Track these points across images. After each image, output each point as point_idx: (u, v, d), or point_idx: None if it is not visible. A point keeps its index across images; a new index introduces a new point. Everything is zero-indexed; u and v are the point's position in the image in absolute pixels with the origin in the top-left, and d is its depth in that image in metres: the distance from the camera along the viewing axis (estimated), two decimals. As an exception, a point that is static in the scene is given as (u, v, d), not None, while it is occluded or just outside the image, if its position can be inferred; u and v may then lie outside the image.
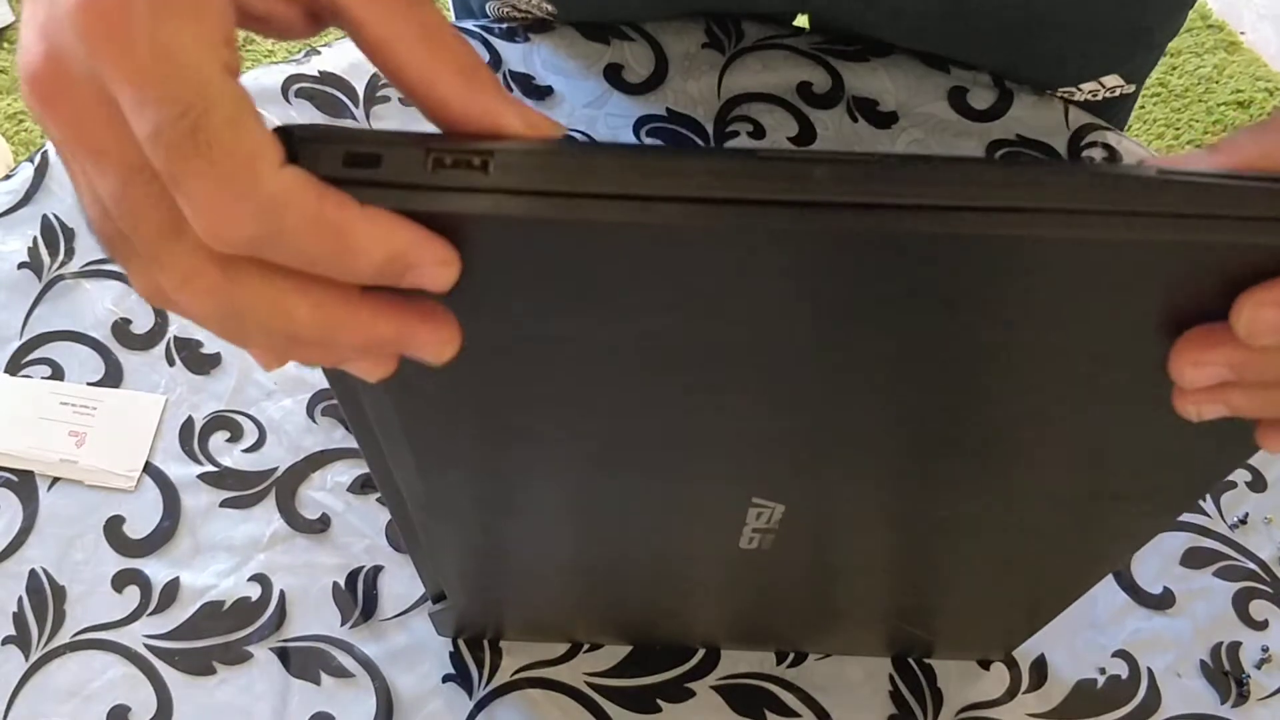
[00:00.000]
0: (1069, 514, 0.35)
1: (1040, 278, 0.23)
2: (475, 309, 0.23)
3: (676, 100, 0.62)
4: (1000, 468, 0.32)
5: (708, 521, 0.36)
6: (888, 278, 0.23)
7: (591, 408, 0.29)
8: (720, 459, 0.32)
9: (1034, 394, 0.28)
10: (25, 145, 1.47)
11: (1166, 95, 1.58)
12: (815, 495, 0.34)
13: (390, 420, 0.29)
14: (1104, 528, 0.36)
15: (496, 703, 0.47)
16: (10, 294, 0.54)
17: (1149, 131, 1.55)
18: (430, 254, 0.21)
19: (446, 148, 0.21)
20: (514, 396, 0.28)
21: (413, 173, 0.21)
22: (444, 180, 0.21)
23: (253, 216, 0.20)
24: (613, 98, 0.62)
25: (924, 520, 0.36)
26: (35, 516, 0.49)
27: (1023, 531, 0.36)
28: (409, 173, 0.21)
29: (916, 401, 0.28)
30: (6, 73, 1.53)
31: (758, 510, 0.34)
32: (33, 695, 0.46)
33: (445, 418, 0.29)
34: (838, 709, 0.48)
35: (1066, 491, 0.33)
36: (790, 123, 0.62)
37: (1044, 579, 0.41)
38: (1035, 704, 0.48)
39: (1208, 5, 1.68)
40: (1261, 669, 0.50)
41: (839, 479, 0.33)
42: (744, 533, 0.35)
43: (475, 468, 0.33)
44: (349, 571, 0.49)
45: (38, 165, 0.58)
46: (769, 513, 0.34)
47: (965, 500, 0.34)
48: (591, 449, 0.31)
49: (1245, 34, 1.66)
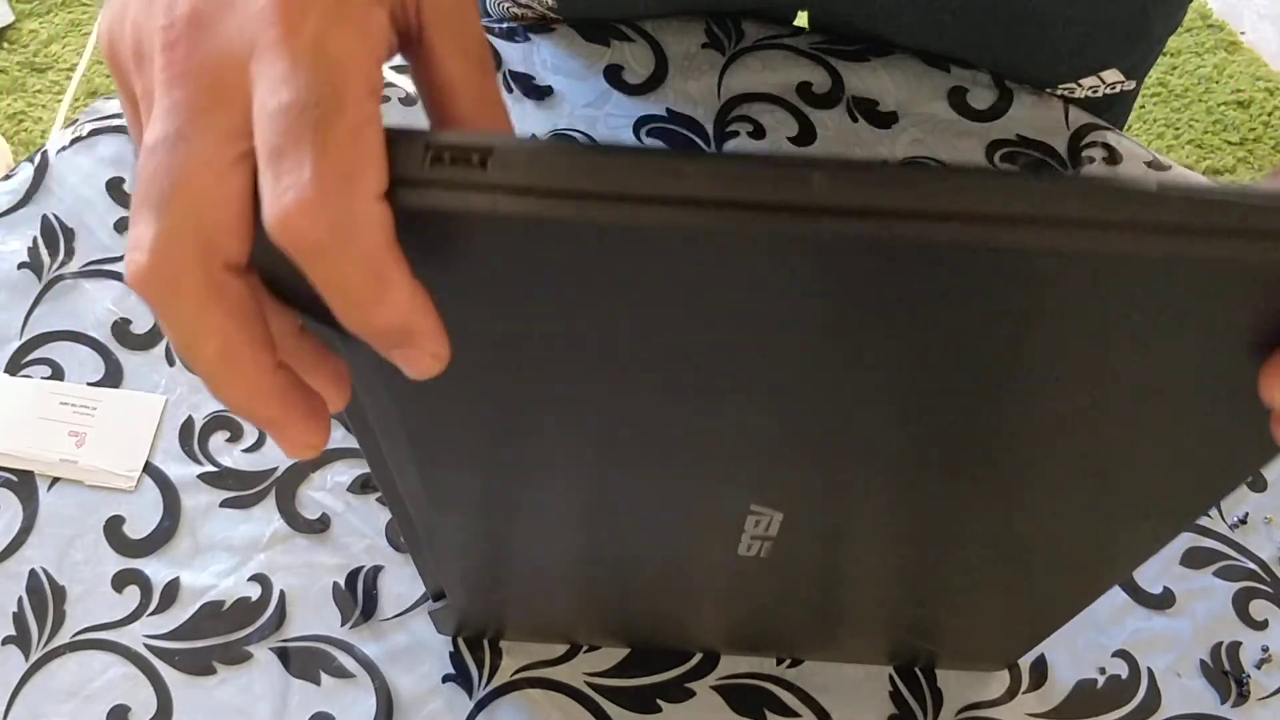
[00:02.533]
0: (1075, 528, 0.34)
1: (1043, 289, 0.22)
2: (473, 305, 0.23)
3: (676, 100, 0.62)
4: (1005, 482, 0.32)
5: (706, 525, 0.36)
6: (885, 285, 0.22)
7: (590, 405, 0.29)
8: (718, 461, 0.31)
9: (1040, 408, 0.27)
10: (25, 145, 1.47)
11: (1166, 95, 1.58)
12: (814, 504, 0.34)
13: (390, 421, 0.29)
14: (1110, 541, 0.36)
15: (496, 703, 0.47)
16: (10, 294, 0.54)
17: (1149, 131, 1.55)
18: (432, 343, 0.22)
19: (445, 143, 0.21)
20: (512, 393, 0.28)
21: (411, 168, 0.21)
22: (441, 176, 0.21)
23: (328, 223, 0.20)
24: (613, 98, 0.62)
25: (926, 532, 0.36)
26: (35, 516, 0.49)
27: (1028, 544, 0.36)
28: (407, 168, 0.21)
29: (917, 411, 0.28)
30: (6, 73, 1.54)
31: (756, 518, 0.34)
32: (33, 695, 0.46)
33: (445, 417, 0.29)
34: (838, 709, 0.48)
35: (1073, 506, 0.33)
36: (790, 122, 0.62)
37: (1049, 590, 0.40)
38: (1035, 704, 0.48)
39: (1208, 5, 1.68)
40: (1261, 669, 0.50)
41: (838, 489, 0.33)
42: (743, 539, 0.35)
43: (476, 469, 0.33)
44: (349, 571, 0.49)
45: (38, 165, 0.58)
46: (767, 520, 0.34)
47: (968, 513, 0.34)
48: (590, 447, 0.31)
49: (1245, 34, 1.66)
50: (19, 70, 1.54)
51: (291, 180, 0.20)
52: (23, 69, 1.54)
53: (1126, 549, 0.37)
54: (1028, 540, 0.35)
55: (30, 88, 1.53)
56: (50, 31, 1.58)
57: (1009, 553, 0.36)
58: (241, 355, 0.22)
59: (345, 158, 0.20)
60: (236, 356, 0.22)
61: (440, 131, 0.22)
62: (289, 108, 0.20)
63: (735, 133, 0.61)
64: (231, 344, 0.22)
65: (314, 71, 0.21)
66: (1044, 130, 0.62)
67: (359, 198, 0.20)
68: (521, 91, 0.62)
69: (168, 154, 0.21)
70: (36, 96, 1.52)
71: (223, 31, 0.22)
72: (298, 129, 0.20)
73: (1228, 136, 1.55)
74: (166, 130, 0.22)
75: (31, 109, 1.51)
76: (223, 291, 0.22)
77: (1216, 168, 1.52)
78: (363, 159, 0.20)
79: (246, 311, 0.22)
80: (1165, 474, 0.30)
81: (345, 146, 0.20)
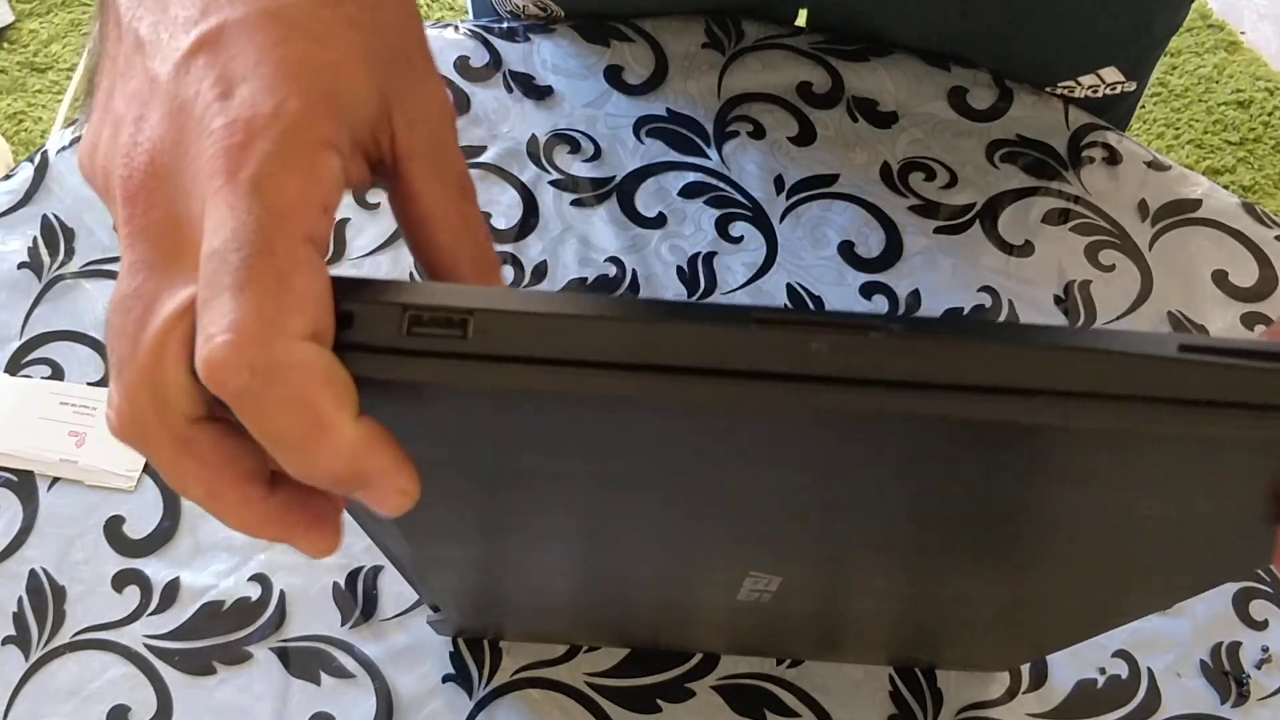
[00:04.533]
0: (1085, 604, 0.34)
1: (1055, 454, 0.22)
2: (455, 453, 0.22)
3: (676, 100, 0.62)
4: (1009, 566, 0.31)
5: (703, 582, 0.35)
6: (888, 451, 0.22)
7: (577, 519, 0.28)
8: (714, 544, 0.31)
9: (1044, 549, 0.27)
10: (25, 145, 1.47)
11: (1166, 95, 1.58)
12: (813, 575, 0.34)
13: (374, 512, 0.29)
14: (1115, 604, 0.35)
15: (496, 703, 0.47)
16: (10, 294, 0.54)
17: (1149, 131, 1.55)
18: (396, 480, 0.22)
19: (424, 305, 0.20)
20: (497, 506, 0.28)
21: (387, 334, 0.20)
22: (420, 345, 0.20)
23: (247, 369, 0.20)
24: (613, 98, 0.62)
25: (926, 592, 0.35)
26: (35, 516, 0.49)
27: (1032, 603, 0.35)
28: (382, 334, 0.20)
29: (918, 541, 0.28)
30: (6, 73, 1.54)
31: (755, 579, 0.33)
32: (33, 695, 0.46)
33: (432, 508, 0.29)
34: (838, 709, 0.48)
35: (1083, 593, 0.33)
36: (790, 122, 0.62)
37: (1052, 632, 0.41)
38: (1035, 704, 0.48)
39: (1208, 5, 1.68)
40: (1261, 669, 0.49)
41: (837, 561, 0.33)
42: (741, 591, 0.35)
43: (462, 542, 0.32)
44: (349, 571, 0.49)
45: (38, 165, 0.58)
46: (765, 580, 0.34)
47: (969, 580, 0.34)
48: (579, 544, 0.31)
49: (1245, 34, 1.66)
50: (19, 70, 1.54)
51: (213, 327, 0.20)
52: (23, 69, 1.54)
53: (1132, 606, 0.36)
54: (1032, 599, 0.35)
55: (30, 88, 1.53)
56: (50, 31, 1.58)
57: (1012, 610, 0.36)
58: (226, 495, 0.23)
59: (265, 303, 0.20)
60: (221, 497, 0.23)
61: (417, 289, 0.21)
62: (215, 254, 0.20)
63: (735, 132, 0.61)
64: (214, 487, 0.22)
65: (246, 216, 0.20)
66: (1044, 130, 0.62)
67: (279, 340, 0.20)
68: (521, 91, 0.62)
69: (123, 316, 0.22)
70: (36, 96, 1.52)
71: (179, 183, 0.22)
72: (222, 274, 0.20)
73: (1228, 136, 1.55)
74: (125, 290, 0.22)
75: (31, 109, 1.51)
76: (191, 444, 0.22)
77: (1216, 168, 1.52)
78: (286, 302, 0.20)
79: (221, 456, 0.22)
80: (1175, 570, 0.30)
81: (268, 289, 0.20)
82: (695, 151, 0.60)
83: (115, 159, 0.23)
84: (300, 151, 0.21)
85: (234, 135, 0.21)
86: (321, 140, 0.22)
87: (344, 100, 0.23)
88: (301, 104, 0.21)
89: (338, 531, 0.25)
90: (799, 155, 0.61)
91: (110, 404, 0.22)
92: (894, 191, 0.60)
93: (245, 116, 0.21)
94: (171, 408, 0.22)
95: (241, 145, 0.21)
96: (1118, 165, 0.62)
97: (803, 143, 0.61)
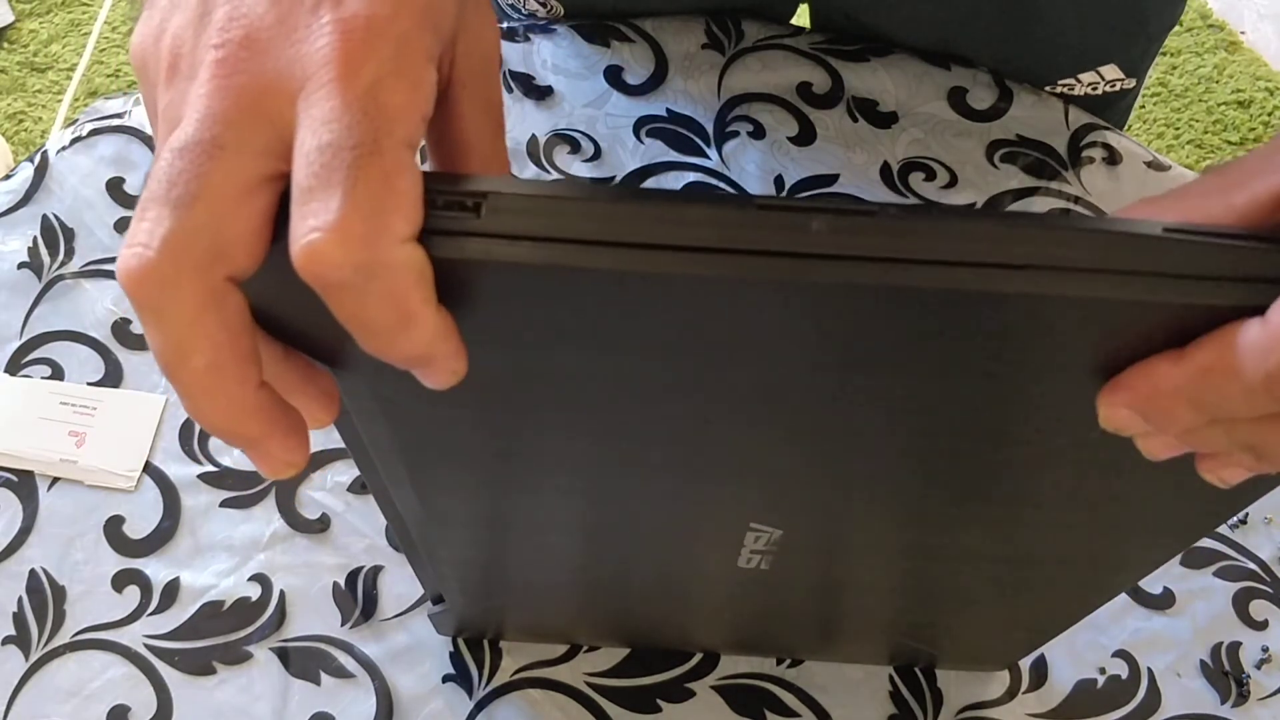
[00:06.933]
0: (1077, 546, 0.34)
1: (1040, 331, 0.22)
2: (471, 342, 0.23)
3: (676, 100, 0.62)
4: (1006, 505, 0.32)
5: (706, 541, 0.36)
6: (884, 328, 0.22)
7: (588, 433, 0.29)
8: (716, 483, 0.31)
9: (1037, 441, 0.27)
10: (25, 145, 1.47)
11: (1166, 95, 1.58)
12: (813, 524, 0.34)
13: (385, 443, 0.29)
14: (1113, 557, 0.36)
15: (496, 703, 0.47)
16: (10, 294, 0.54)
17: (1149, 131, 1.55)
18: (452, 362, 0.23)
19: (440, 188, 0.21)
20: (510, 422, 0.28)
21: None
22: (435, 223, 0.21)
23: (352, 266, 0.20)
24: (613, 98, 0.62)
25: (925, 548, 0.36)
26: (35, 516, 0.50)
27: (1029, 559, 0.36)
28: None
29: (917, 443, 0.28)
30: (6, 73, 1.54)
31: (755, 534, 0.34)
32: (33, 695, 0.46)
33: (442, 441, 0.29)
34: (838, 709, 0.48)
35: (1074, 527, 0.33)
36: (790, 122, 0.62)
37: (1051, 600, 0.41)
38: (1035, 704, 0.48)
39: (1208, 5, 1.68)
40: (1261, 669, 0.50)
41: (837, 511, 0.33)
42: (742, 553, 0.35)
43: (473, 490, 0.33)
44: (349, 571, 0.49)
45: (38, 165, 0.58)
46: (766, 536, 0.34)
47: (969, 532, 0.34)
48: (589, 470, 0.31)
49: (1245, 34, 1.66)
50: (19, 70, 1.54)
51: (319, 219, 0.20)
52: (23, 69, 1.54)
53: (1130, 563, 0.36)
54: (1029, 556, 0.35)
55: (30, 88, 1.53)
56: (50, 31, 1.58)
57: (1010, 566, 0.36)
58: (228, 368, 0.22)
59: (374, 201, 0.20)
60: (223, 368, 0.22)
61: (437, 175, 0.22)
62: (327, 147, 0.21)
63: (735, 133, 0.61)
64: (221, 356, 0.22)
65: (361, 117, 0.21)
66: (1044, 130, 0.62)
67: (384, 241, 0.20)
68: (521, 91, 0.62)
69: (198, 157, 0.22)
70: (36, 96, 1.52)
71: (276, 59, 0.22)
72: (332, 169, 0.21)
73: (1228, 136, 1.55)
74: (201, 135, 0.22)
75: (31, 109, 1.51)
76: (222, 301, 0.22)
77: (1216, 168, 1.52)
78: (391, 204, 0.20)
79: (240, 324, 0.22)
80: (1169, 499, 0.30)
81: (375, 190, 0.20)
82: (695, 151, 0.60)
83: (204, 34, 0.23)
84: (412, 60, 0.22)
85: (354, 32, 0.22)
86: (427, 51, 0.23)
87: (438, 16, 0.24)
88: (413, 15, 0.22)
89: (308, 445, 0.25)
90: (799, 155, 0.61)
91: (141, 243, 0.21)
92: (894, 191, 0.60)
93: (365, 14, 0.22)
94: (225, 260, 0.22)
95: (363, 43, 0.22)
96: (1117, 165, 0.62)
97: (803, 143, 0.61)
